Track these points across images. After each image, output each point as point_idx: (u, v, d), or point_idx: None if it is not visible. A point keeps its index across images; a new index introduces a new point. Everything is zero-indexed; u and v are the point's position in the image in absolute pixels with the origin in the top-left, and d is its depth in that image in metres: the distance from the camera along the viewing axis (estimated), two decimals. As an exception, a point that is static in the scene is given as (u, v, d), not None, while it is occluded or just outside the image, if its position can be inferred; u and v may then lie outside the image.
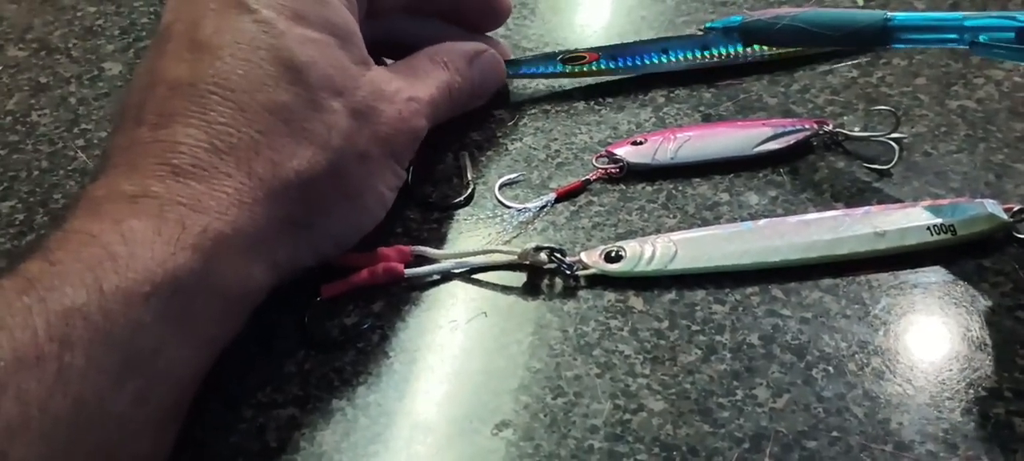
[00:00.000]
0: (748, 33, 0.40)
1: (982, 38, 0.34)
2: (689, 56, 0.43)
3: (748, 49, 0.43)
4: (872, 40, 0.37)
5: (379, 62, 0.36)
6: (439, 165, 0.40)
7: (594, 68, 0.43)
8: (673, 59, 0.43)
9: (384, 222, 0.35)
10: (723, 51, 0.43)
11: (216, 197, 0.28)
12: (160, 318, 0.26)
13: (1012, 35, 0.33)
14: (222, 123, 0.29)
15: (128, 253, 0.26)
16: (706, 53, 0.43)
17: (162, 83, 0.30)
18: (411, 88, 0.35)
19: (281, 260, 0.31)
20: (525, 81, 0.44)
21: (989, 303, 0.32)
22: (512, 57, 0.43)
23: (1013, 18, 0.33)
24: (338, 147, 0.31)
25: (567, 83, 0.44)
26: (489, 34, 0.43)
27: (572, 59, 0.43)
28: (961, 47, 0.35)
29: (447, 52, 0.38)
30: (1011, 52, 0.33)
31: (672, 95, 0.43)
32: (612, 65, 0.43)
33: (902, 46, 0.38)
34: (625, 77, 0.43)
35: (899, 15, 0.36)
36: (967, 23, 0.34)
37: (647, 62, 0.43)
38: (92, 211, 0.27)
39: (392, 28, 0.39)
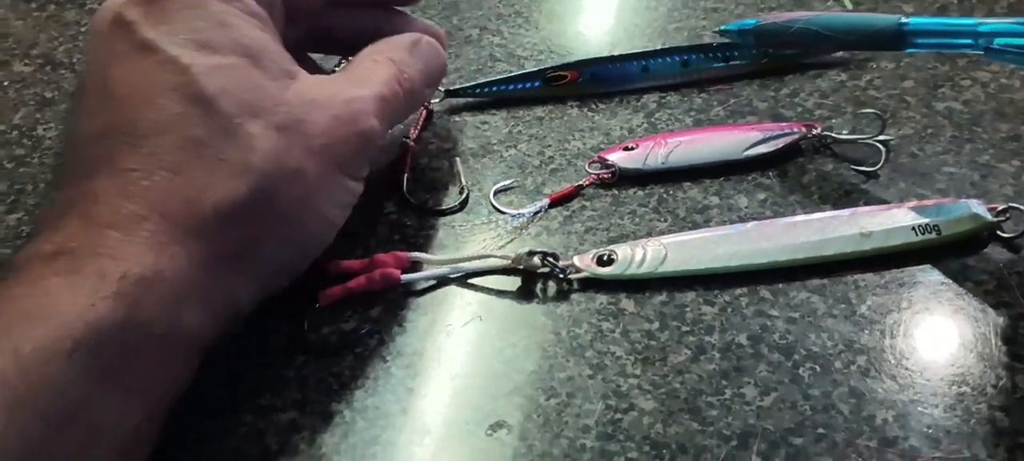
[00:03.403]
0: (763, 36, 0.40)
1: (996, 43, 0.33)
2: (670, 72, 0.44)
3: (729, 63, 0.43)
4: (887, 44, 0.37)
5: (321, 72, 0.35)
6: (435, 172, 0.41)
7: (575, 86, 0.44)
8: (653, 75, 0.44)
9: (381, 229, 0.35)
10: (703, 68, 0.44)
11: (133, 243, 0.28)
12: (86, 372, 0.25)
13: None
14: (133, 169, 0.29)
15: (43, 311, 0.25)
16: (687, 68, 0.44)
17: (80, 140, 0.30)
18: (350, 90, 0.33)
19: (217, 298, 0.30)
20: (519, 87, 0.45)
21: (973, 301, 0.33)
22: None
23: None
24: (260, 170, 0.30)
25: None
26: (421, 18, 0.41)
27: (553, 78, 0.44)
28: (976, 52, 0.34)
29: (385, 46, 0.37)
30: None
31: (663, 100, 0.43)
32: (592, 82, 0.44)
33: (916, 50, 0.37)
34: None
35: (914, 19, 0.36)
36: (982, 28, 0.34)
37: (627, 78, 0.44)
38: (14, 276, 0.27)
39: (316, 25, 0.39)
